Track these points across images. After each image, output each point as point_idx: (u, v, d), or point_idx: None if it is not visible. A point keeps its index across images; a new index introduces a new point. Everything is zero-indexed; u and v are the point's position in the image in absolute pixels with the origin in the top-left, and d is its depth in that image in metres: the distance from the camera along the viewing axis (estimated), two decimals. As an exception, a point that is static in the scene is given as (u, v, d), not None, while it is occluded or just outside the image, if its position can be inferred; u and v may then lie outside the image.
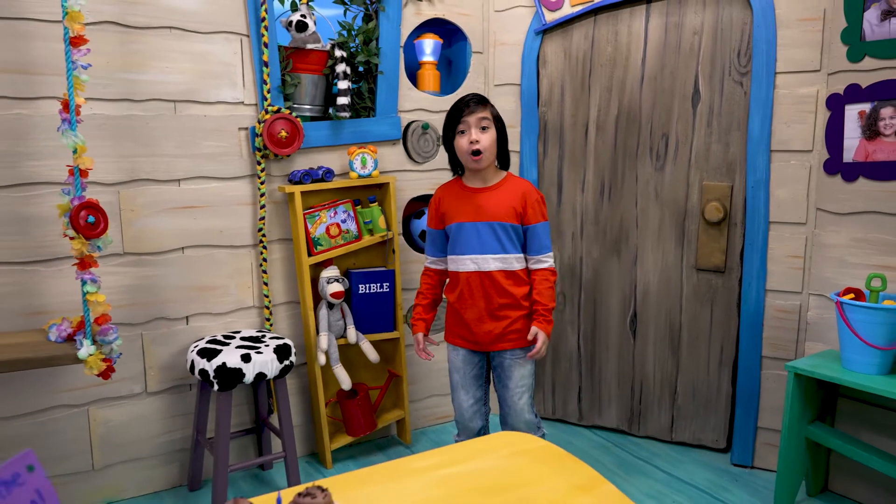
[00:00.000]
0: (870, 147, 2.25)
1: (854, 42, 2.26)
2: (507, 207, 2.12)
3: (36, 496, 0.61)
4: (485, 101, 2.14)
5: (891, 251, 2.22)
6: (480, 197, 2.15)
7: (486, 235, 2.13)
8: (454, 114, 2.13)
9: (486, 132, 2.10)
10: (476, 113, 2.09)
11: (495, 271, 2.13)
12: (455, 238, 2.18)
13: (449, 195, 2.22)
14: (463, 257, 2.16)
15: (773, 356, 2.57)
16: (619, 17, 2.74)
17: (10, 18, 2.06)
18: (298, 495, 0.86)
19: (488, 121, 2.11)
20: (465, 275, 2.16)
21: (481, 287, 2.14)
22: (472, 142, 2.07)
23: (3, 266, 2.14)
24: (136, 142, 2.29)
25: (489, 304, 2.14)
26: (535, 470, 1.06)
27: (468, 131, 2.09)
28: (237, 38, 2.43)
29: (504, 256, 2.13)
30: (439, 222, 2.24)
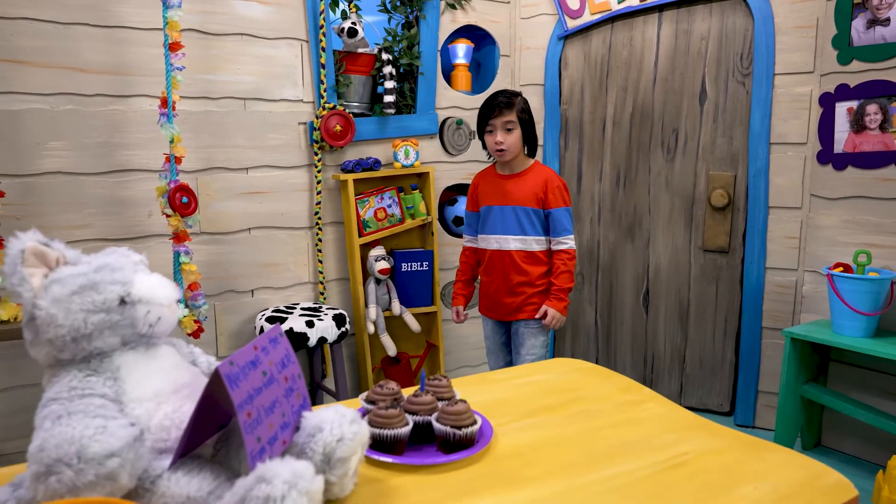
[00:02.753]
0: (857, 139, 2.57)
1: (843, 47, 2.57)
2: (529, 193, 2.33)
3: (286, 353, 0.92)
4: (511, 104, 2.31)
5: (875, 230, 2.53)
6: (508, 183, 2.37)
7: (509, 218, 2.35)
8: (484, 114, 2.34)
9: (510, 133, 2.30)
10: (502, 116, 2.29)
11: (514, 251, 2.35)
12: (484, 219, 2.41)
13: (484, 181, 2.46)
14: (488, 236, 2.40)
15: (772, 327, 2.88)
16: (633, 24, 3.06)
17: (110, 27, 2.37)
18: (430, 378, 1.16)
19: (513, 123, 2.30)
20: (490, 252, 2.40)
21: (501, 264, 2.37)
22: (497, 142, 2.30)
23: (101, 242, 2.44)
24: (212, 134, 2.60)
25: (507, 281, 2.36)
26: (587, 380, 1.38)
27: (495, 132, 2.31)
28: (298, 43, 2.74)
29: (524, 238, 2.35)
30: (475, 205, 2.48)
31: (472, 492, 0.91)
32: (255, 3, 2.62)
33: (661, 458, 1.02)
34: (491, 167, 2.47)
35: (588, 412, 1.20)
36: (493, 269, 2.41)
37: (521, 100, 2.34)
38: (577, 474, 0.96)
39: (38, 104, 2.29)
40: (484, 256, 2.45)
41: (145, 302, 0.82)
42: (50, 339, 0.77)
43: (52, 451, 0.68)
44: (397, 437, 0.98)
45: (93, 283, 0.79)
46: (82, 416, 0.71)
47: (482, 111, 2.35)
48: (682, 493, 0.91)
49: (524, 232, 2.35)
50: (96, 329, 0.78)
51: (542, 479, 0.95)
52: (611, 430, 1.12)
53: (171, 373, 0.85)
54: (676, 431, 1.12)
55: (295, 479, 0.69)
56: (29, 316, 0.78)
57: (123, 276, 0.82)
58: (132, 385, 0.80)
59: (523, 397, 1.27)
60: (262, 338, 0.84)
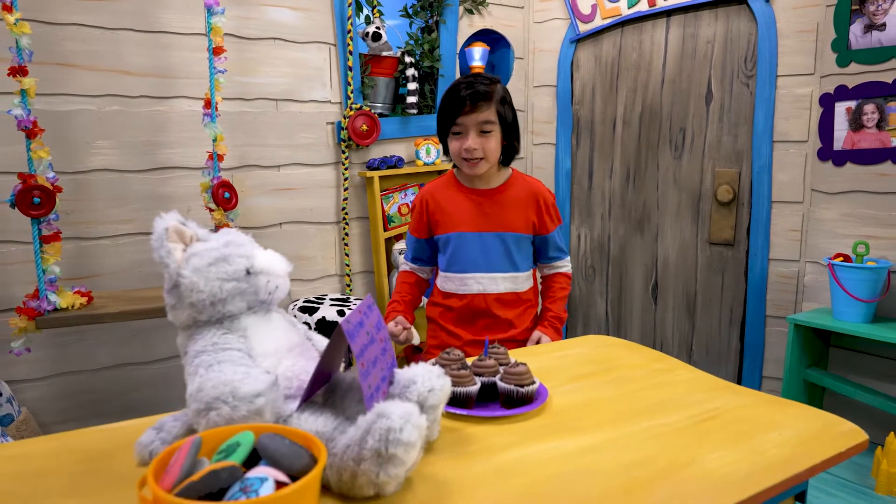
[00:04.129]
0: (855, 137, 2.73)
1: (842, 50, 2.73)
2: (518, 214, 1.75)
3: (378, 319, 1.06)
4: (489, 96, 1.65)
5: (872, 223, 2.69)
6: (485, 201, 1.75)
7: (493, 249, 1.75)
8: (450, 109, 1.66)
9: (488, 136, 1.67)
10: (476, 113, 1.64)
11: (504, 294, 1.76)
12: (454, 252, 1.76)
13: (443, 196, 1.79)
14: (465, 276, 1.75)
15: (775, 315, 3.04)
16: (642, 28, 3.21)
17: (154, 32, 2.51)
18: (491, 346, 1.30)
19: (492, 124, 1.66)
20: (468, 298, 1.76)
21: (489, 316, 1.77)
22: (468, 149, 1.66)
23: (144, 236, 2.58)
24: (247, 133, 2.74)
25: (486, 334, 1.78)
26: (619, 352, 1.53)
27: (465, 135, 1.67)
28: (327, 47, 2.89)
29: (515, 276, 1.78)
30: (426, 230, 1.82)
31: (536, 438, 1.06)
32: (287, 10, 2.77)
33: (694, 412, 1.17)
34: (449, 178, 1.83)
35: (625, 378, 1.35)
36: (469, 320, 1.79)
37: (501, 88, 1.70)
38: (623, 425, 1.11)
39: (86, 105, 2.43)
40: (450, 300, 1.80)
41: (266, 272, 0.97)
42: (192, 302, 0.91)
43: (209, 391, 0.82)
44: (468, 394, 1.13)
45: (224, 256, 0.94)
46: (230, 364, 0.86)
47: (446, 104, 1.68)
48: (717, 438, 1.06)
49: (516, 267, 1.78)
50: (229, 295, 0.93)
51: (594, 429, 1.09)
52: (647, 391, 1.27)
53: (285, 334, 1.00)
54: (705, 391, 1.27)
55: (408, 415, 0.84)
56: (173, 283, 0.92)
57: (247, 251, 0.97)
58: (257, 343, 0.94)
59: (564, 366, 1.41)
60: (362, 304, 0.99)
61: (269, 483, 0.64)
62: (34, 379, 2.44)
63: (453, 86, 1.68)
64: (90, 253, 2.49)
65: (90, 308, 2.22)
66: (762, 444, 1.05)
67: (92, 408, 2.54)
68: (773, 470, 0.96)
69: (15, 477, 0.88)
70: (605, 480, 0.92)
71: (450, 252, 1.78)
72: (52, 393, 2.47)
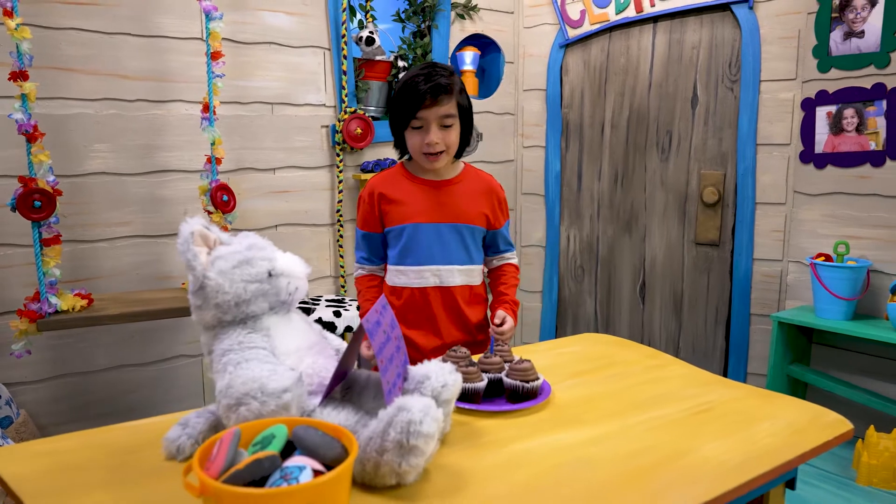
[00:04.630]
0: (836, 141, 2.82)
1: (823, 56, 2.82)
2: (474, 207, 1.72)
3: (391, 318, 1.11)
4: (449, 88, 1.60)
5: (852, 223, 2.79)
6: (441, 192, 1.71)
7: (450, 240, 1.70)
8: (408, 101, 1.59)
9: (448, 130, 1.63)
10: (438, 106, 1.59)
11: (459, 286, 1.72)
12: (407, 243, 1.69)
13: (394, 188, 1.71)
14: (421, 269, 1.69)
15: (759, 313, 3.13)
16: (630, 33, 3.29)
17: (151, 36, 2.54)
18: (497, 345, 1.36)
19: (453, 117, 1.62)
20: (420, 291, 1.70)
21: (442, 307, 1.71)
22: (430, 143, 1.61)
23: (142, 238, 2.61)
24: (243, 137, 2.78)
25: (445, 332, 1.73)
26: (614, 349, 1.59)
27: (426, 128, 1.60)
28: (321, 51, 2.93)
29: (471, 269, 1.74)
30: (377, 223, 1.73)
31: (543, 431, 1.11)
32: (282, 14, 2.80)
33: (689, 405, 1.23)
34: (398, 170, 1.77)
35: (622, 373, 1.41)
36: (423, 316, 1.72)
37: (458, 79, 1.67)
38: (623, 417, 1.17)
39: (84, 109, 2.45)
40: (400, 296, 1.73)
41: (286, 274, 1.01)
42: (218, 303, 0.96)
43: (239, 387, 0.87)
44: (476, 390, 1.18)
45: (247, 258, 0.98)
46: (257, 362, 0.90)
47: (403, 97, 1.61)
48: (712, 428, 1.13)
49: (471, 260, 1.74)
50: (253, 296, 0.97)
51: (596, 422, 1.15)
52: (644, 385, 1.33)
53: (304, 333, 1.05)
54: (698, 386, 1.34)
55: (427, 408, 0.89)
56: (199, 285, 0.97)
57: (268, 254, 1.01)
58: (279, 341, 0.99)
59: (563, 364, 1.47)
60: (377, 304, 1.04)
61: (307, 471, 0.69)
62: (32, 381, 2.45)
63: (410, 78, 1.61)
64: (88, 255, 2.51)
65: (90, 310, 2.24)
66: (755, 434, 1.11)
67: (89, 409, 2.56)
68: (767, 458, 1.02)
69: (53, 471, 0.92)
70: (610, 468, 0.97)
71: (403, 244, 1.69)
72: (49, 395, 2.49)
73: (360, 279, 1.80)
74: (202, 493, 0.65)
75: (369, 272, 1.79)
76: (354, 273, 1.82)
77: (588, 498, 0.90)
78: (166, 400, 2.75)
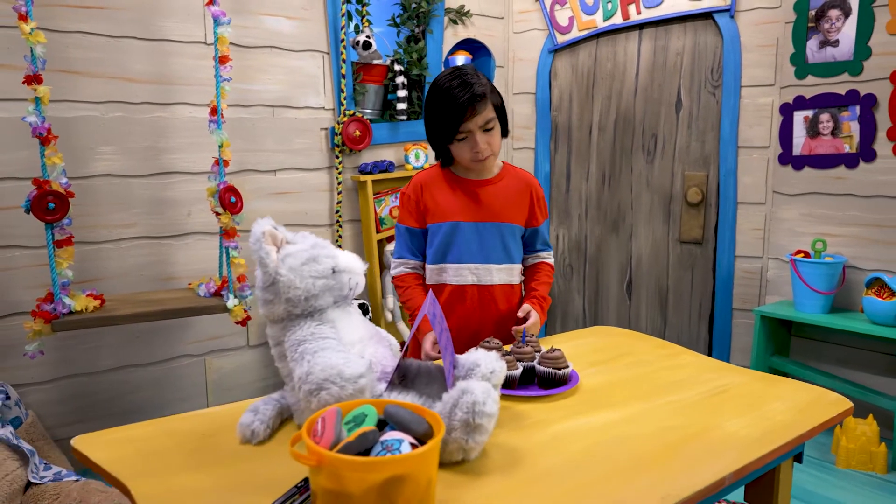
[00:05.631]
0: (812, 144, 2.98)
1: (800, 64, 2.98)
2: (514, 205, 1.75)
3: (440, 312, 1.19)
4: (485, 94, 1.61)
5: (828, 222, 2.95)
6: (481, 191, 1.73)
7: (490, 240, 1.72)
8: (451, 116, 1.60)
9: (491, 133, 1.65)
10: (478, 115, 1.60)
11: (498, 286, 1.74)
12: (447, 241, 1.72)
13: (436, 186, 1.75)
14: (460, 266, 1.71)
15: (741, 308, 3.28)
16: (616, 40, 3.42)
17: (155, 40, 2.57)
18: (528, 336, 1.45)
19: (493, 121, 1.64)
20: (459, 289, 1.73)
21: (479, 306, 1.74)
22: (479, 151, 1.64)
23: (146, 240, 2.64)
24: (245, 139, 2.82)
25: (480, 328, 1.74)
26: (625, 340, 1.69)
27: (471, 138, 1.63)
28: (320, 55, 2.99)
29: (510, 267, 1.77)
30: (420, 218, 1.76)
31: (577, 413, 1.21)
32: (283, 19, 2.86)
33: (705, 388, 1.34)
34: (438, 168, 1.80)
35: (638, 362, 1.51)
36: (459, 313, 1.74)
37: (486, 79, 1.68)
38: (646, 400, 1.27)
39: (90, 111, 2.48)
40: (441, 294, 1.75)
41: (348, 271, 1.09)
42: (289, 298, 1.03)
43: (318, 373, 0.94)
44: (513, 377, 1.27)
45: (314, 256, 1.06)
46: (331, 351, 0.98)
47: (442, 111, 1.63)
48: (729, 408, 1.24)
49: (511, 259, 1.77)
50: (321, 291, 1.05)
51: (625, 404, 1.25)
52: (661, 372, 1.44)
53: (363, 325, 1.12)
54: (710, 372, 1.45)
55: (488, 391, 0.98)
56: (270, 281, 1.04)
57: (331, 251, 1.09)
58: (344, 333, 1.06)
59: (581, 353, 1.57)
60: (429, 298, 1.12)
61: (406, 443, 0.77)
62: (38, 382, 2.47)
63: (444, 90, 1.61)
64: (94, 257, 2.53)
65: (103, 311, 2.27)
66: (769, 412, 1.22)
67: (96, 410, 2.59)
68: (783, 432, 1.13)
69: (138, 455, 0.98)
70: (647, 442, 1.07)
71: (443, 242, 1.72)
72: (54, 396, 2.51)
73: (404, 276, 1.79)
74: (319, 463, 0.73)
75: (412, 269, 1.80)
76: (393, 270, 1.82)
77: (633, 468, 0.99)
78: (171, 399, 2.78)
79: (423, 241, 1.78)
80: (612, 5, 3.33)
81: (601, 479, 0.95)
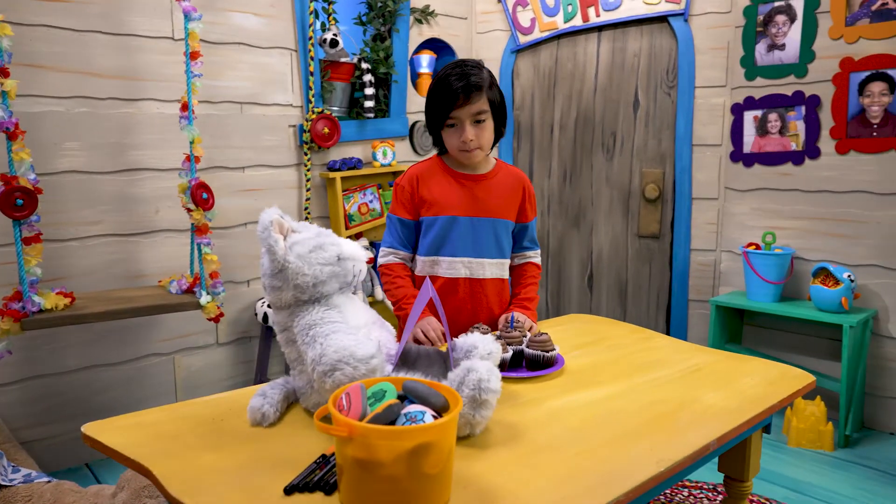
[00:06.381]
0: (761, 142, 3.15)
1: (749, 66, 3.15)
2: (507, 201, 1.78)
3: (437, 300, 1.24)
4: (480, 85, 1.63)
5: (777, 215, 3.12)
6: (477, 186, 1.75)
7: (484, 234, 1.75)
8: (443, 102, 1.64)
9: (482, 125, 1.66)
10: (471, 105, 1.62)
11: (490, 279, 1.77)
12: (442, 235, 1.74)
13: (432, 179, 1.77)
14: (454, 260, 1.73)
15: (697, 299, 3.43)
16: (577, 41, 3.53)
17: (121, 34, 2.54)
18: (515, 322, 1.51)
19: (485, 114, 1.66)
20: (452, 282, 1.75)
21: (470, 299, 1.77)
22: (466, 140, 1.66)
23: (112, 237, 2.60)
24: (213, 136, 2.80)
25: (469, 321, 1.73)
26: (602, 326, 1.78)
27: (460, 126, 1.65)
28: (288, 52, 2.99)
29: (501, 262, 1.81)
30: (414, 210, 1.77)
31: (568, 391, 1.28)
32: (252, 15, 2.86)
33: (681, 367, 1.43)
34: (436, 161, 1.82)
35: (616, 345, 1.60)
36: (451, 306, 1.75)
37: (488, 73, 1.70)
38: (630, 378, 1.36)
39: (55, 107, 2.43)
40: (435, 285, 1.75)
41: (352, 258, 1.13)
42: (297, 284, 1.07)
43: (332, 355, 0.98)
44: (504, 360, 1.33)
45: (320, 244, 1.10)
46: (342, 334, 1.02)
47: (437, 97, 1.67)
48: (705, 383, 1.33)
49: (502, 254, 1.81)
50: (328, 277, 1.09)
51: (610, 382, 1.33)
52: (638, 354, 1.53)
53: (366, 311, 1.17)
54: (682, 353, 1.54)
55: (491, 369, 1.03)
56: (279, 268, 1.07)
57: (335, 240, 1.13)
58: (350, 317, 1.10)
59: (564, 338, 1.65)
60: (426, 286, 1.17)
61: (428, 414, 0.82)
62: (2, 384, 2.41)
63: (442, 77, 1.65)
64: (59, 255, 2.48)
65: (73, 308, 2.23)
66: (741, 386, 1.32)
67: (62, 411, 2.53)
68: (757, 402, 1.23)
69: (152, 439, 1.00)
70: (637, 415, 1.15)
71: (438, 235, 1.74)
72: (20, 397, 2.45)
73: (392, 266, 1.80)
74: (350, 433, 0.77)
75: (401, 259, 1.81)
76: (381, 258, 1.82)
77: (627, 437, 1.07)
78: (139, 398, 2.74)
79: (413, 233, 1.80)
80: (573, 7, 3.44)
81: (600, 447, 1.02)
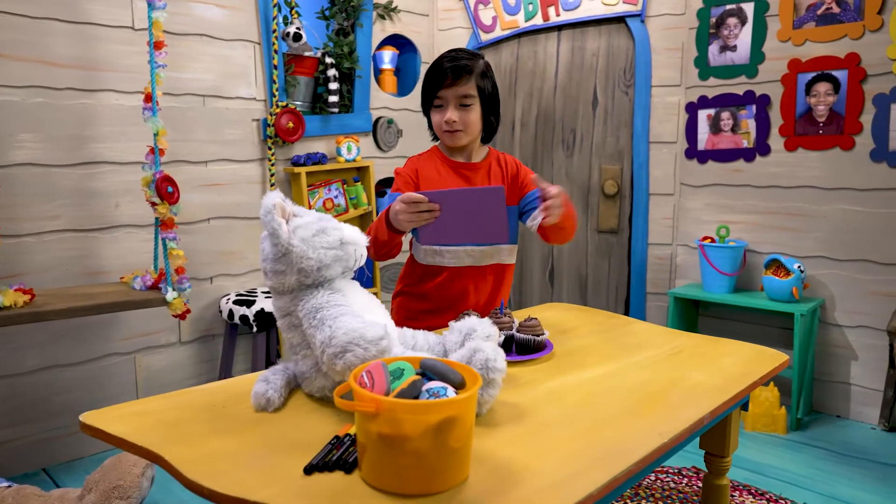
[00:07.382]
0: (715, 139, 3.27)
1: (703, 66, 3.27)
2: (505, 186, 1.74)
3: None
4: (469, 69, 1.65)
5: (730, 210, 3.25)
6: (474, 175, 1.77)
7: None
8: (431, 82, 1.69)
9: (468, 110, 1.67)
10: (456, 87, 1.65)
11: (492, 266, 1.80)
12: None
13: (430, 167, 1.78)
14: (457, 248, 1.75)
15: (654, 292, 3.54)
16: (537, 40, 3.59)
17: (80, 23, 2.45)
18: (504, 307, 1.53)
19: (472, 98, 1.67)
20: (456, 271, 1.76)
21: (474, 286, 1.78)
22: (448, 121, 1.67)
23: (70, 233, 2.51)
24: (175, 129, 2.73)
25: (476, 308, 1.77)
26: (579, 314, 1.81)
27: (445, 107, 1.67)
28: (252, 45, 2.95)
29: (511, 248, 1.84)
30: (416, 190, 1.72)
31: (561, 373, 1.31)
32: (214, 7, 2.80)
33: (664, 349, 1.48)
34: (434, 152, 1.83)
35: (598, 330, 1.64)
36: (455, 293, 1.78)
37: (482, 63, 1.72)
38: (618, 360, 1.40)
39: (9, 96, 2.33)
40: (436, 274, 1.78)
41: (353, 243, 1.13)
42: (301, 268, 1.06)
43: (342, 337, 0.98)
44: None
45: (323, 228, 1.09)
46: (350, 316, 1.02)
47: (428, 77, 1.72)
48: (690, 364, 1.38)
49: (510, 240, 1.80)
50: (332, 261, 1.08)
51: (599, 364, 1.37)
52: (621, 338, 1.57)
53: (366, 294, 1.17)
54: (661, 336, 1.60)
55: (496, 349, 1.05)
56: (283, 252, 1.06)
57: (336, 224, 1.12)
58: (352, 300, 1.10)
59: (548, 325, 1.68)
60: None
61: (450, 390, 0.84)
62: (-48, 387, 2.29)
63: (437, 60, 1.71)
64: (14, 251, 2.38)
65: (33, 306, 2.15)
66: (722, 366, 1.38)
67: (20, 413, 2.43)
68: (739, 380, 1.29)
69: (158, 426, 0.98)
70: (632, 393, 1.19)
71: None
72: (-25, 400, 2.34)
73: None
74: (377, 409, 0.78)
75: None
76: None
77: (627, 413, 1.10)
78: (100, 399, 2.64)
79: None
80: (533, 7, 3.50)
81: (603, 423, 1.06)
